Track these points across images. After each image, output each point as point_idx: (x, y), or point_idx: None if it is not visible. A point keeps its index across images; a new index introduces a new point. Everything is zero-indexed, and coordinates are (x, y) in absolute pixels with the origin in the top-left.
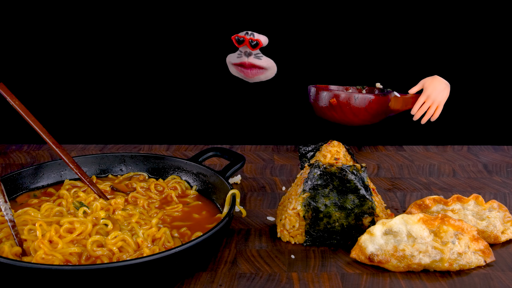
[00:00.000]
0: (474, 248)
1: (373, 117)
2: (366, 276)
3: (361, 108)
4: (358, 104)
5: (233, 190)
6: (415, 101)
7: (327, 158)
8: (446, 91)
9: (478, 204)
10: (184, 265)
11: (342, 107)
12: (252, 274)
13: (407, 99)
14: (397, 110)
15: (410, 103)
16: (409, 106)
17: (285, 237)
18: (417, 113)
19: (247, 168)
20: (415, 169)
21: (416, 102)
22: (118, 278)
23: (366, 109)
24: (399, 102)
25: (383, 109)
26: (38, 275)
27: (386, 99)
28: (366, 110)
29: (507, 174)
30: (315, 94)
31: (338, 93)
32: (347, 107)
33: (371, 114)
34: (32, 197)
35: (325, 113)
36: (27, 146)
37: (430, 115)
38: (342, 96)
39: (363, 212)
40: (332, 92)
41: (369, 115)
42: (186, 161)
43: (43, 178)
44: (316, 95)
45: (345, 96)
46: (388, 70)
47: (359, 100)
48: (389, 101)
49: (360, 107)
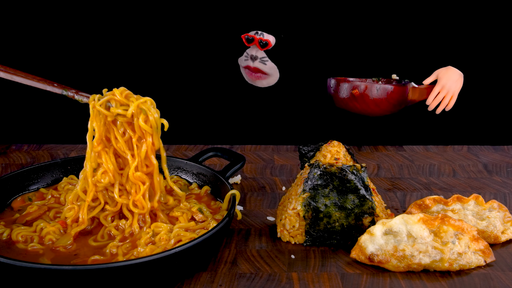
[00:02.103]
0: (474, 248)
1: (394, 107)
2: (366, 276)
3: (383, 98)
4: (379, 94)
5: (233, 190)
6: (430, 92)
7: (327, 158)
8: (460, 81)
9: (478, 204)
10: (184, 265)
11: (364, 97)
12: (252, 274)
13: (422, 89)
14: (414, 100)
15: (425, 94)
16: (424, 97)
17: (285, 237)
18: (432, 103)
19: (247, 168)
20: (415, 169)
21: (431, 93)
22: (118, 278)
23: (387, 99)
24: (416, 93)
25: (402, 99)
26: (38, 275)
27: (405, 89)
28: (387, 100)
29: (507, 174)
30: (336, 86)
31: (359, 84)
32: (369, 98)
33: (392, 104)
34: (27, 201)
35: (347, 104)
36: (27, 146)
37: (444, 105)
38: (363, 87)
39: (363, 212)
40: (353, 83)
41: (390, 105)
42: (186, 161)
43: (43, 178)
44: (337, 87)
45: (367, 86)
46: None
47: (380, 91)
48: (408, 91)
49: (381, 98)
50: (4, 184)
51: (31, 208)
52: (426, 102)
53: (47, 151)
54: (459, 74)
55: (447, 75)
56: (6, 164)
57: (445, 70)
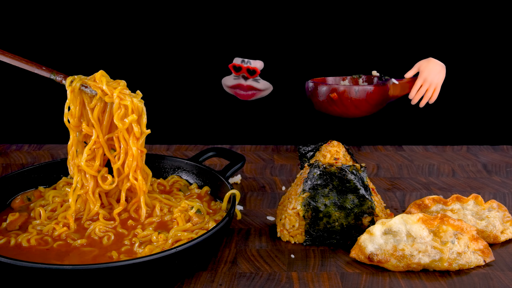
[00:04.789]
0: (474, 247)
1: (374, 107)
2: (365, 275)
3: (362, 100)
4: (358, 96)
5: (233, 190)
6: (412, 85)
7: (327, 158)
8: (442, 73)
9: (478, 204)
10: (184, 265)
11: (343, 100)
12: (252, 274)
13: (404, 84)
14: (396, 96)
15: (407, 88)
16: (407, 91)
17: (285, 236)
18: (415, 97)
19: (247, 168)
20: (414, 169)
21: (413, 86)
22: (118, 278)
23: (367, 100)
24: (397, 89)
25: (383, 98)
26: (38, 275)
27: (385, 88)
28: (367, 101)
29: (506, 174)
30: (314, 89)
31: (337, 87)
32: (348, 100)
33: (372, 104)
34: (26, 201)
35: (326, 108)
36: (27, 146)
37: (428, 98)
38: (342, 89)
39: (363, 212)
40: (331, 86)
41: (370, 106)
42: (186, 161)
43: (43, 178)
44: (315, 90)
45: (346, 89)
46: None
47: (359, 92)
48: (389, 89)
49: (361, 99)
50: (4, 184)
51: (13, 216)
52: (408, 96)
53: (47, 151)
54: (441, 66)
55: (428, 67)
56: (6, 164)
57: (426, 62)
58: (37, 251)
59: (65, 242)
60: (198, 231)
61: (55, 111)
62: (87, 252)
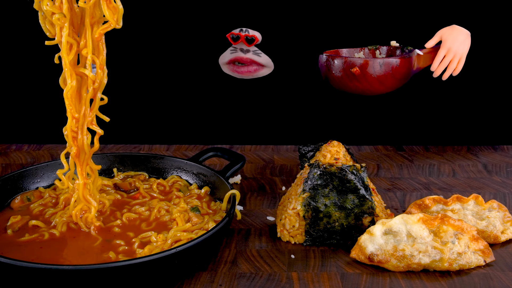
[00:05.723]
0: (474, 248)
1: (400, 81)
2: (366, 276)
3: (388, 74)
4: (384, 70)
5: (233, 190)
6: (435, 56)
7: (327, 158)
8: (468, 42)
9: (478, 204)
10: (184, 265)
11: (366, 75)
12: (252, 274)
13: (426, 55)
14: (419, 68)
15: (429, 59)
16: (428, 62)
17: (285, 237)
18: (438, 69)
19: (247, 168)
20: (415, 169)
21: (436, 57)
22: (118, 278)
23: (393, 75)
24: (420, 60)
25: (408, 72)
26: (38, 275)
27: (411, 61)
28: (393, 75)
29: (507, 174)
30: (331, 64)
31: (359, 60)
32: (372, 76)
33: (398, 79)
34: (26, 201)
35: (346, 84)
36: (27, 146)
37: (451, 70)
38: (363, 63)
39: (363, 212)
40: (352, 59)
41: (396, 81)
42: (186, 161)
43: (43, 178)
44: (331, 65)
45: (369, 62)
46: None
47: (384, 66)
48: (413, 61)
49: (386, 73)
50: (4, 184)
51: (15, 218)
52: (430, 68)
53: (47, 151)
54: (466, 34)
55: (452, 35)
56: (6, 164)
57: (450, 30)
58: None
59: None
60: (197, 231)
61: (55, 111)
62: None
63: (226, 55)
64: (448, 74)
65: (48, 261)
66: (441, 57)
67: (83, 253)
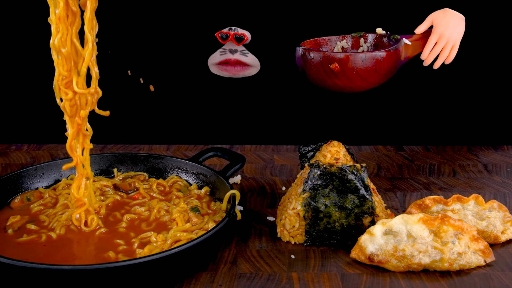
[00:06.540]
0: (474, 248)
1: (385, 76)
2: (366, 276)
3: (370, 69)
4: (366, 65)
5: (233, 190)
6: (425, 43)
7: (327, 158)
8: (461, 27)
9: (478, 204)
10: (184, 265)
11: (346, 72)
12: (252, 274)
13: (416, 42)
14: (407, 58)
15: (419, 46)
16: (419, 50)
17: (285, 237)
18: (429, 57)
19: (247, 168)
20: (415, 169)
21: (427, 44)
22: (118, 278)
23: (376, 70)
24: (409, 49)
25: (394, 65)
26: (38, 275)
27: (397, 52)
28: (376, 71)
29: (507, 174)
30: (307, 59)
31: (338, 55)
32: (353, 71)
33: (382, 74)
34: (25, 201)
35: (324, 81)
36: (27, 146)
37: (444, 57)
38: (344, 57)
39: (363, 212)
40: (330, 54)
41: (380, 76)
42: (186, 161)
43: (43, 178)
44: (308, 60)
45: (349, 57)
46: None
47: (367, 61)
48: (401, 53)
49: (369, 68)
50: (4, 184)
51: (14, 218)
52: (421, 56)
53: (47, 151)
54: (459, 18)
55: (444, 20)
56: (6, 164)
57: (442, 14)
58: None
59: None
60: (197, 232)
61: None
62: None
63: (215, 57)
64: (440, 63)
65: (48, 261)
66: (432, 44)
67: (83, 253)
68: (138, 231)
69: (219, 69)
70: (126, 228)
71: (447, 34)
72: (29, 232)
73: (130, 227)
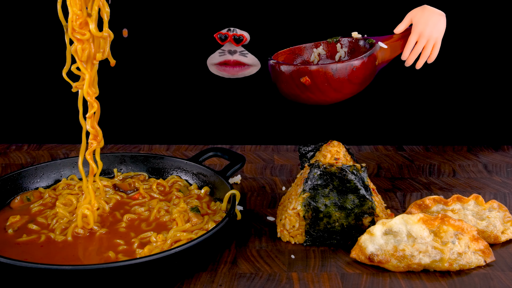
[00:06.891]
0: (474, 248)
1: (360, 85)
2: (366, 276)
3: (344, 80)
4: (338, 76)
5: (233, 190)
6: (405, 43)
7: (327, 158)
8: (442, 23)
9: (478, 204)
10: (184, 265)
11: (318, 85)
12: (252, 274)
13: (394, 43)
14: (385, 62)
15: (399, 47)
16: (399, 51)
17: (285, 237)
18: (410, 57)
19: (247, 168)
20: (415, 169)
21: (406, 44)
22: (118, 278)
23: (349, 80)
24: (386, 52)
25: (370, 72)
26: (38, 275)
27: (372, 59)
28: (350, 81)
29: (507, 174)
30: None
31: (309, 69)
32: (325, 84)
33: (357, 84)
34: (25, 201)
35: (298, 96)
36: (27, 146)
37: (426, 57)
38: (315, 69)
39: (363, 212)
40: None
41: (355, 86)
42: (186, 161)
43: (43, 178)
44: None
45: (320, 69)
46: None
47: (339, 71)
48: (376, 58)
49: (342, 79)
50: (4, 184)
51: (14, 218)
52: (401, 57)
53: (47, 151)
54: (439, 14)
55: (423, 17)
56: (6, 164)
57: (420, 12)
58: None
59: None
60: (197, 232)
61: (55, 111)
62: None
63: (215, 58)
64: (422, 63)
65: (48, 261)
66: (412, 44)
67: (83, 253)
68: (138, 231)
69: (219, 69)
70: (126, 228)
71: (427, 32)
72: (29, 232)
73: (130, 227)
